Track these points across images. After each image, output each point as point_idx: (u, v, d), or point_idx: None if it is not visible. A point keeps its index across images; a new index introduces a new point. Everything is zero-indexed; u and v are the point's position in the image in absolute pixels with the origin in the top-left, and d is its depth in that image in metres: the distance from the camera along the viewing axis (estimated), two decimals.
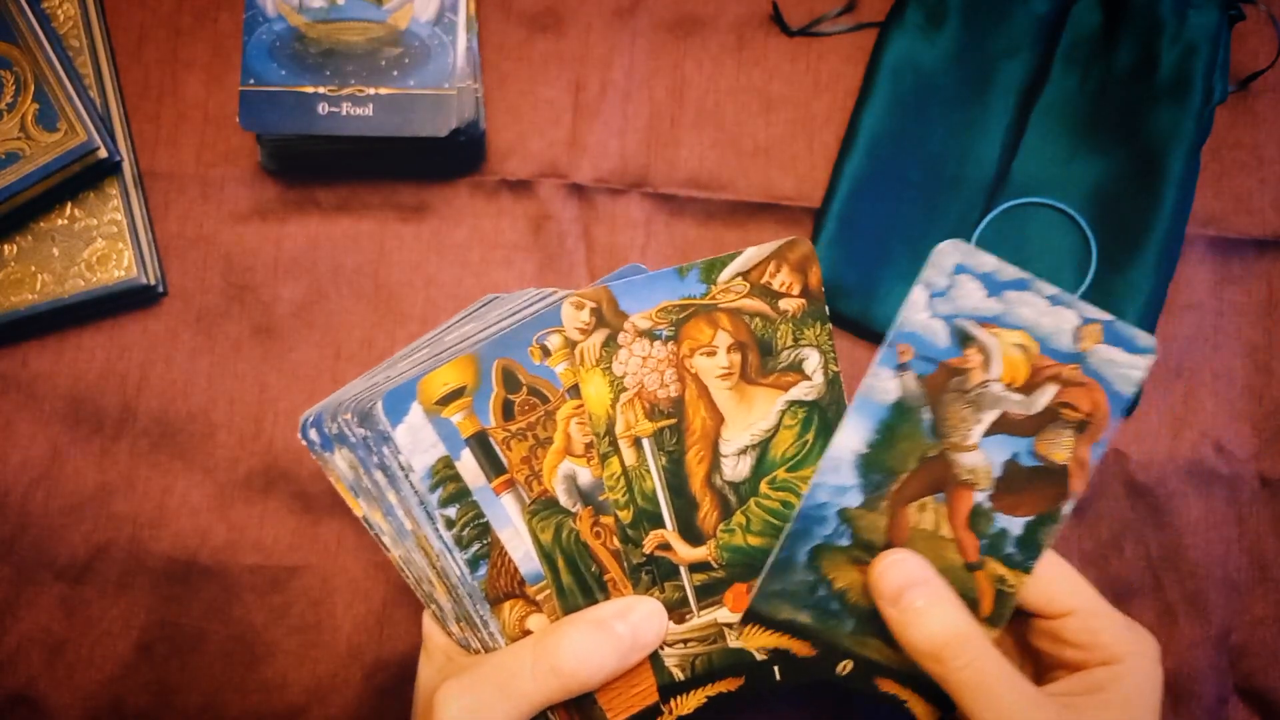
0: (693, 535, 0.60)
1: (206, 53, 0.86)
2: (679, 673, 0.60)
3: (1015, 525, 0.59)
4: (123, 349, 0.83)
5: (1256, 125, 0.84)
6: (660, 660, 0.60)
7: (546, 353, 0.58)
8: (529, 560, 0.58)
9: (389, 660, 0.81)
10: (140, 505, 0.81)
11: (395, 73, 0.79)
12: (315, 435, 0.60)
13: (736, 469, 0.60)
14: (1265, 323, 0.83)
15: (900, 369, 0.60)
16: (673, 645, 0.60)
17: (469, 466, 0.57)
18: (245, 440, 0.82)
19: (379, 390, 0.57)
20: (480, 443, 0.57)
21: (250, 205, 0.84)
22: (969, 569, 0.60)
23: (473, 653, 0.62)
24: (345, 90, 0.78)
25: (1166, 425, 0.82)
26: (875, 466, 0.60)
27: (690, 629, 0.60)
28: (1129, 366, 0.59)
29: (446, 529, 0.57)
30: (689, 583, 0.60)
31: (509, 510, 0.58)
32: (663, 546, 0.60)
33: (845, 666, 0.61)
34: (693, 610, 0.60)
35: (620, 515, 0.59)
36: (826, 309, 0.61)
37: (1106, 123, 0.81)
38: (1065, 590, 0.60)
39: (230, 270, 0.83)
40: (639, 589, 0.60)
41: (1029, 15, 0.81)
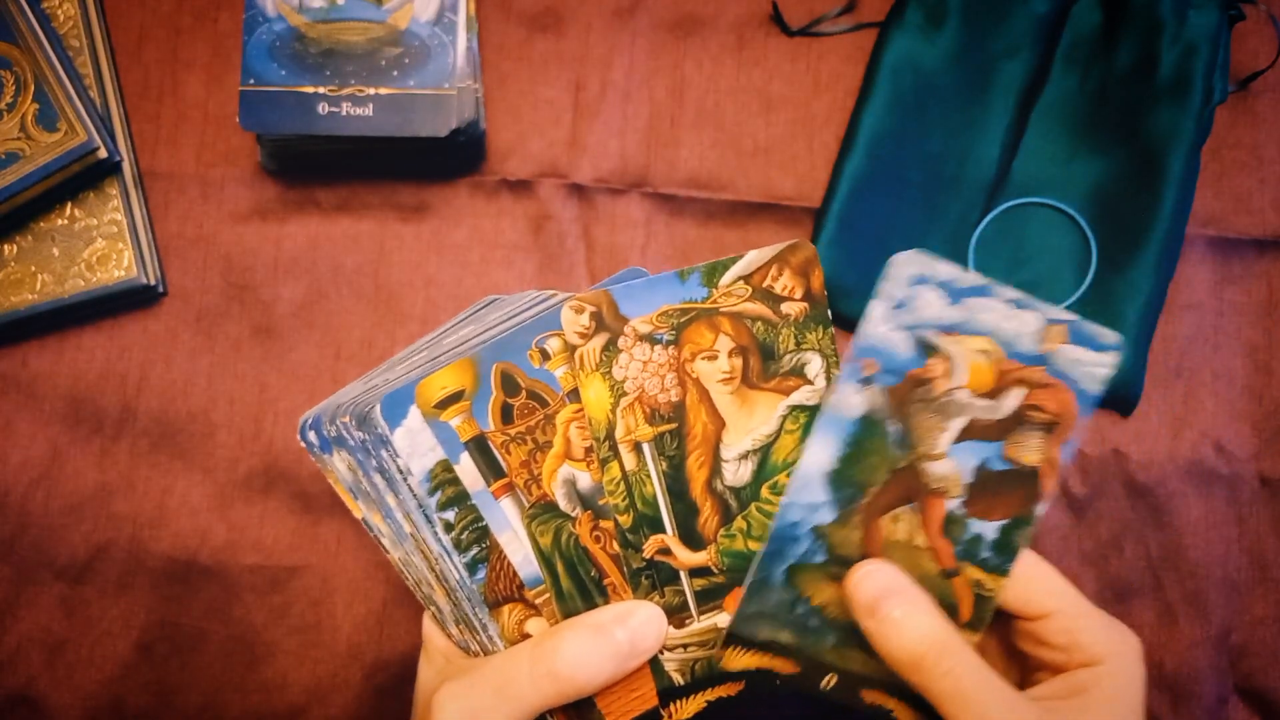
0: (693, 540, 0.60)
1: (206, 53, 0.86)
2: (679, 677, 0.60)
3: (990, 530, 0.59)
4: (123, 349, 0.83)
5: (1256, 125, 0.84)
6: (660, 665, 0.60)
7: (546, 356, 0.58)
8: (528, 564, 0.58)
9: (389, 660, 0.81)
10: (140, 505, 0.82)
11: (395, 73, 0.79)
12: (314, 437, 0.60)
13: (738, 474, 0.60)
14: (1265, 323, 0.83)
15: (864, 383, 0.60)
16: (672, 650, 0.60)
17: (468, 470, 0.57)
18: (245, 440, 0.82)
19: (377, 393, 0.57)
20: (479, 446, 0.57)
21: (250, 205, 0.84)
22: (945, 576, 0.60)
23: (472, 655, 0.61)
24: (345, 90, 0.78)
25: (1166, 425, 0.82)
26: (845, 481, 0.60)
27: (690, 634, 0.60)
28: (1095, 364, 0.59)
29: (445, 532, 0.57)
30: (689, 588, 0.60)
31: (508, 514, 0.58)
32: (663, 551, 0.59)
33: (830, 681, 0.60)
34: (693, 615, 0.60)
35: (620, 520, 0.59)
36: (829, 313, 0.60)
37: (1106, 123, 0.81)
38: (1043, 591, 0.59)
39: (230, 270, 0.84)
40: (639, 594, 0.60)
41: (1029, 15, 0.81)
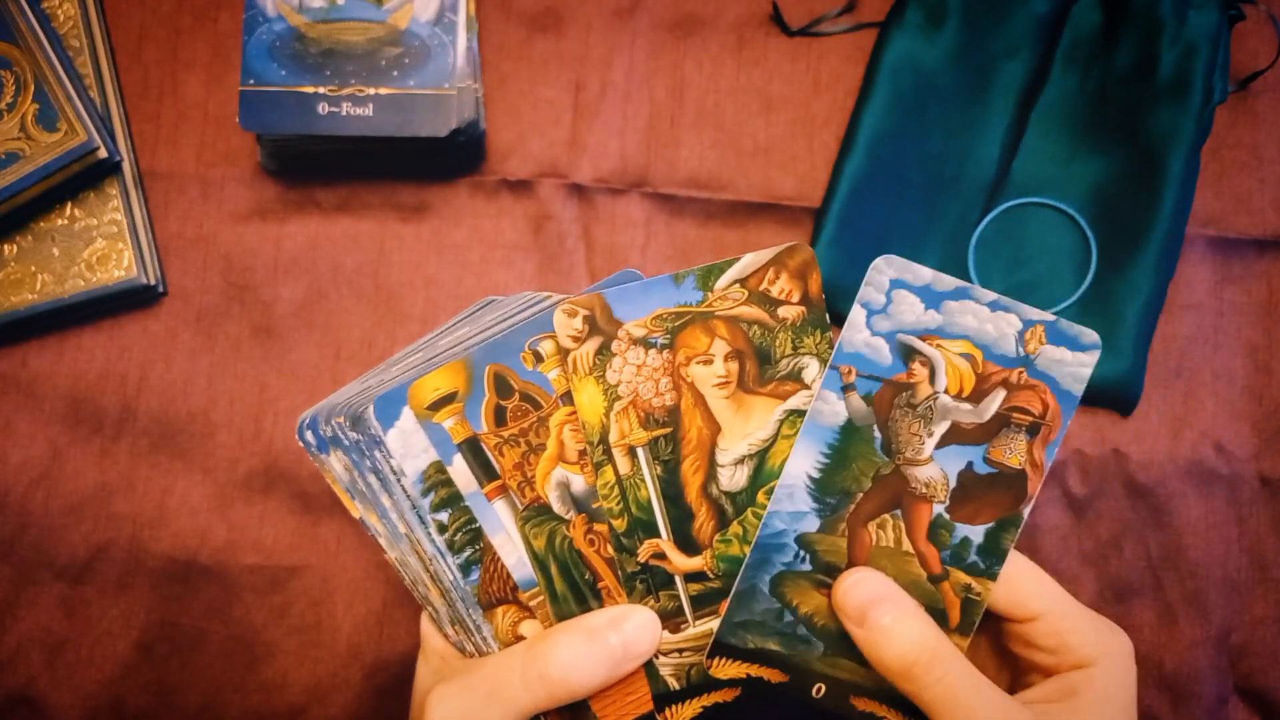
0: (688, 545, 0.60)
1: (206, 53, 0.86)
2: (674, 682, 0.60)
3: (976, 533, 0.59)
4: (123, 349, 0.83)
5: (1256, 125, 0.84)
6: (655, 669, 0.60)
7: (539, 358, 0.58)
8: (522, 566, 0.58)
9: (389, 660, 0.81)
10: (140, 505, 0.82)
11: (395, 73, 0.79)
12: (311, 437, 0.60)
13: (733, 479, 0.60)
14: (1265, 323, 0.83)
15: (845, 390, 0.60)
16: (668, 654, 0.60)
17: (461, 472, 0.57)
18: (245, 440, 0.82)
19: (371, 394, 0.57)
20: (472, 448, 0.57)
21: (250, 205, 0.84)
22: (933, 581, 0.60)
23: (468, 656, 0.62)
24: (345, 90, 0.78)
25: (1166, 425, 0.82)
26: (829, 489, 0.60)
27: (686, 638, 0.60)
28: (1076, 365, 0.59)
29: (439, 534, 0.57)
30: (684, 592, 0.60)
31: (501, 516, 0.58)
32: (658, 556, 0.59)
33: (819, 690, 0.60)
34: (688, 620, 0.60)
35: (614, 524, 0.59)
36: (827, 317, 0.60)
37: (1106, 123, 0.81)
38: (1032, 593, 0.59)
39: (230, 270, 0.84)
40: (633, 598, 0.60)
41: (1029, 15, 0.81)
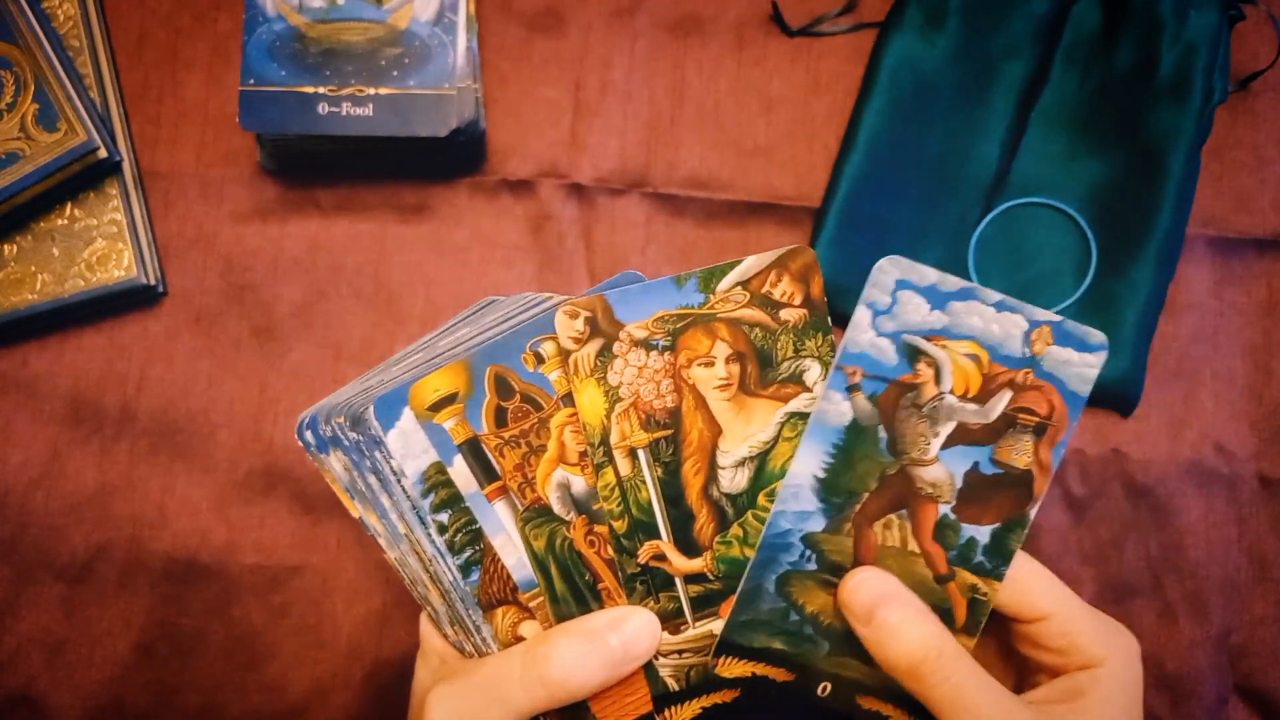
0: (689, 547, 0.60)
1: (206, 53, 0.86)
2: (674, 683, 0.60)
3: (982, 534, 0.59)
4: (123, 349, 0.83)
5: (1256, 125, 0.84)
6: (655, 670, 0.60)
7: (540, 360, 0.58)
8: (522, 567, 0.58)
9: (389, 660, 0.81)
10: (140, 505, 0.82)
11: (395, 73, 0.79)
12: (311, 437, 0.60)
13: (734, 481, 0.60)
14: (1265, 323, 0.83)
15: (851, 390, 0.60)
16: (668, 655, 0.60)
17: (461, 473, 0.57)
18: (245, 440, 0.83)
19: (371, 394, 0.57)
20: (472, 449, 0.57)
21: (250, 205, 0.84)
22: (939, 581, 0.60)
23: (467, 656, 0.61)
24: (345, 90, 0.78)
25: (1166, 425, 0.82)
26: (835, 489, 0.59)
27: (685, 640, 0.60)
28: (1083, 365, 0.59)
29: (439, 534, 0.57)
30: (684, 594, 0.60)
31: (501, 517, 0.58)
32: (658, 557, 0.59)
33: (825, 688, 0.60)
34: (688, 621, 0.60)
35: (615, 525, 0.59)
36: (829, 320, 0.60)
37: (1106, 123, 0.81)
38: (1039, 594, 0.59)
39: (230, 270, 0.84)
40: (633, 599, 0.59)
41: (1029, 15, 0.81)
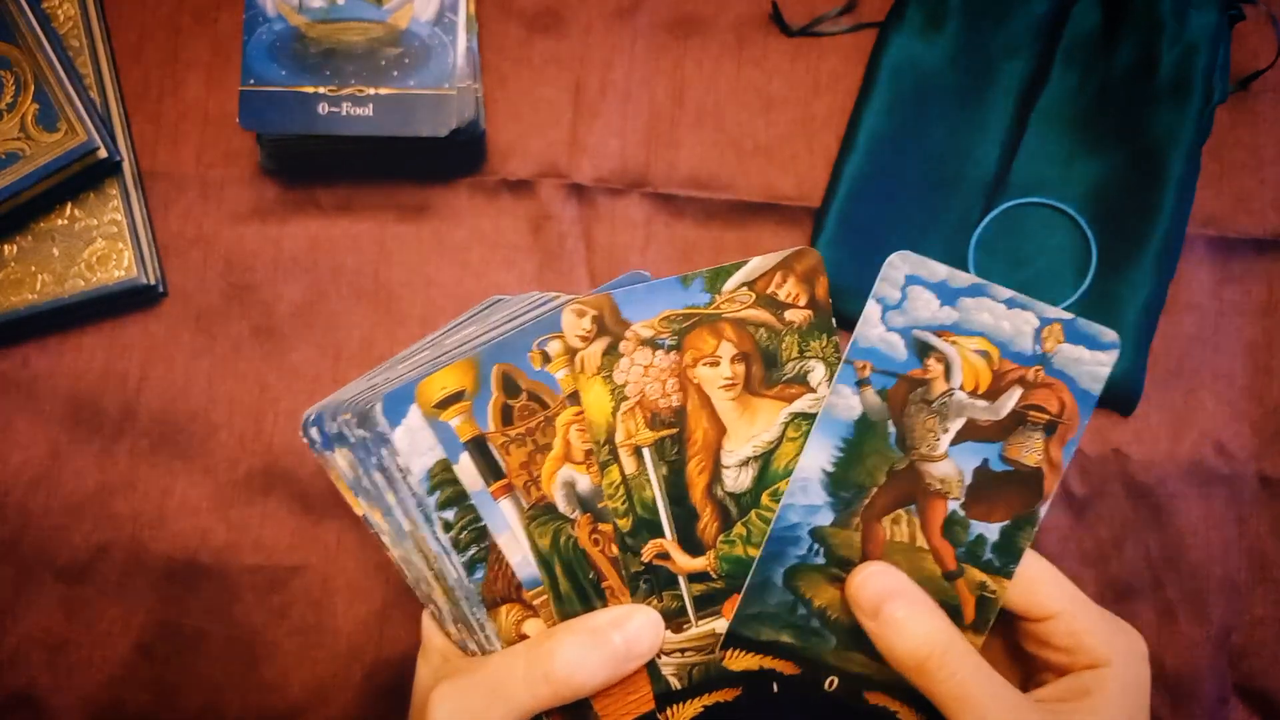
0: (692, 545, 0.60)
1: (206, 53, 0.86)
2: (676, 682, 0.60)
3: (992, 531, 0.59)
4: (123, 349, 0.83)
5: (1256, 125, 0.84)
6: (657, 669, 0.60)
7: (547, 358, 0.58)
8: (526, 565, 0.58)
9: (389, 660, 0.81)
10: (140, 505, 0.82)
11: (395, 73, 0.79)
12: (316, 434, 0.60)
13: (738, 480, 0.60)
14: (1265, 323, 0.83)
15: (860, 385, 0.60)
16: (670, 654, 0.60)
17: (467, 470, 0.57)
18: (245, 440, 0.82)
19: (378, 392, 0.57)
20: (478, 447, 0.57)
21: (250, 205, 0.84)
22: (948, 578, 0.60)
23: (470, 654, 0.61)
24: (345, 90, 0.78)
25: (1166, 425, 0.82)
26: (844, 484, 0.59)
27: (688, 638, 0.60)
28: (1094, 364, 0.59)
29: (444, 531, 0.57)
30: (687, 593, 0.60)
31: (507, 515, 0.58)
32: (661, 556, 0.60)
33: (832, 683, 0.60)
34: (691, 620, 0.60)
35: (619, 524, 0.59)
36: (833, 321, 0.60)
37: (1106, 123, 0.81)
38: (1048, 592, 0.59)
39: (230, 270, 0.84)
40: (637, 597, 0.60)
41: (1029, 15, 0.81)
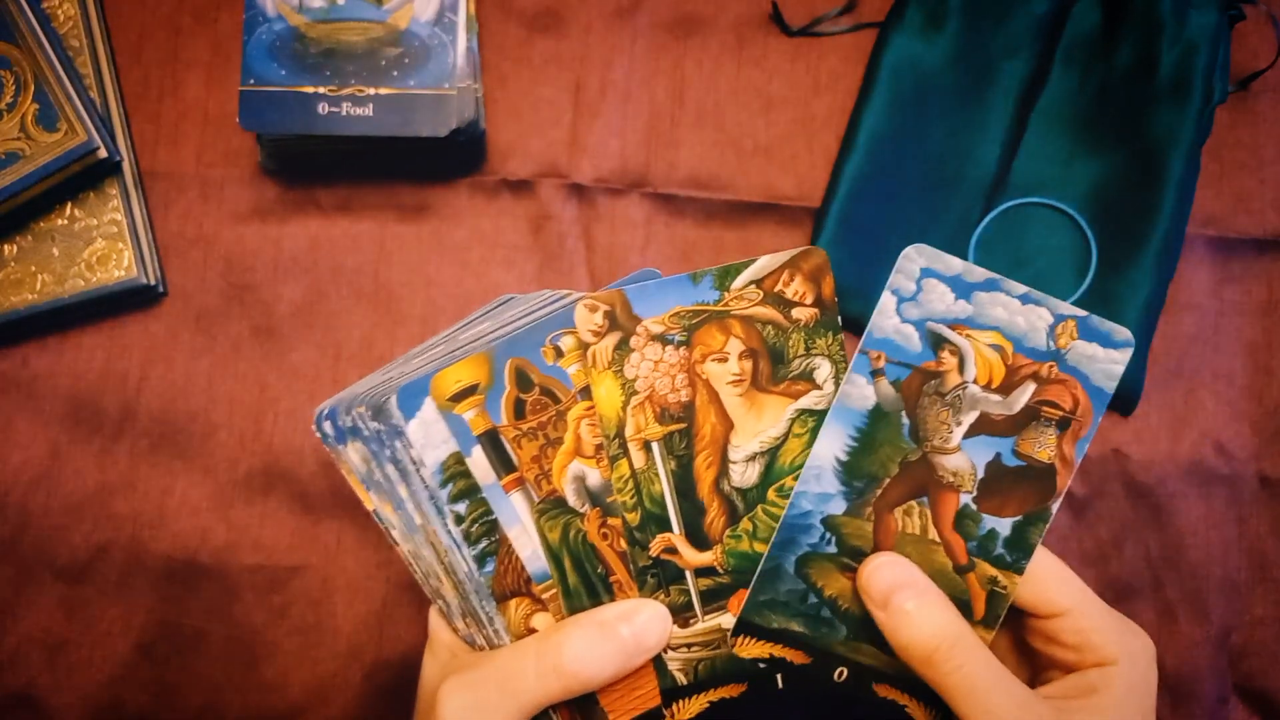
0: (699, 540, 0.60)
1: (206, 53, 0.86)
2: (682, 677, 0.60)
3: (1003, 526, 0.59)
4: (123, 349, 0.83)
5: (1256, 125, 0.84)
6: (664, 664, 0.60)
7: (559, 353, 0.58)
8: (536, 559, 0.58)
9: (389, 660, 0.81)
10: (140, 505, 0.81)
11: (395, 73, 0.79)
12: (329, 428, 0.61)
13: (745, 475, 0.60)
14: (1265, 323, 0.83)
15: (874, 375, 0.60)
16: (676, 649, 0.60)
17: (479, 463, 0.57)
18: (245, 440, 0.82)
19: (393, 385, 0.58)
20: (491, 440, 0.57)
21: (250, 205, 0.84)
22: (959, 572, 0.60)
23: (477, 649, 0.61)
24: (345, 90, 0.78)
25: (1166, 425, 0.82)
26: (856, 473, 0.60)
27: (694, 633, 0.60)
28: (1108, 361, 0.59)
29: (455, 525, 0.57)
30: (694, 587, 0.60)
31: (518, 508, 0.58)
32: (669, 550, 0.60)
33: (841, 674, 0.60)
34: (697, 615, 0.60)
35: (628, 518, 0.59)
36: (839, 319, 0.61)
37: (1106, 123, 0.81)
38: (1058, 590, 0.59)
39: (230, 270, 0.83)
40: (644, 592, 0.60)
41: (1029, 15, 0.82)
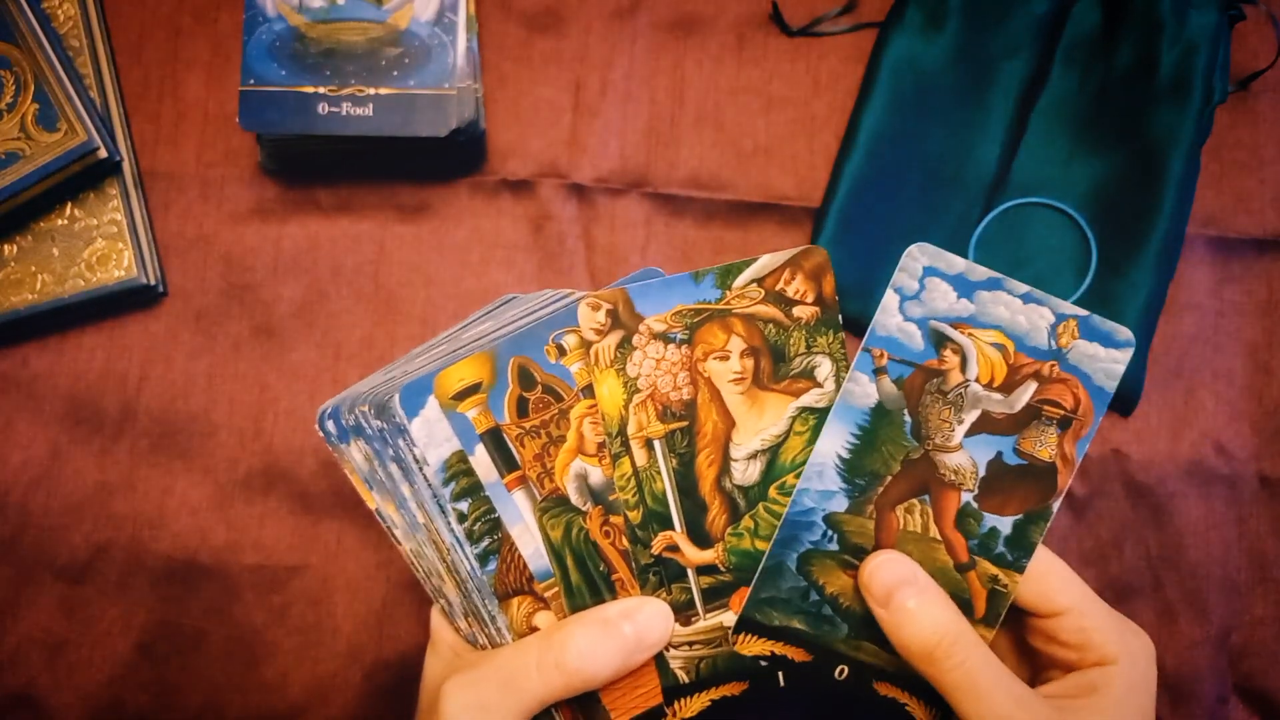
0: (701, 538, 0.60)
1: (206, 53, 0.86)
2: (684, 675, 0.61)
3: (1004, 524, 0.59)
4: (123, 349, 0.83)
5: (1256, 125, 0.84)
6: (665, 662, 0.60)
7: (562, 352, 0.59)
8: (538, 557, 0.59)
9: (389, 660, 0.81)
10: (140, 505, 0.81)
11: (395, 73, 0.79)
12: (332, 427, 0.61)
13: (746, 473, 0.60)
14: (1265, 323, 0.83)
15: (877, 373, 0.60)
16: (678, 647, 0.60)
17: (482, 462, 0.57)
18: (245, 440, 0.82)
19: (396, 384, 0.58)
20: (494, 438, 0.58)
21: (250, 205, 0.84)
22: (960, 570, 0.60)
23: (479, 648, 0.62)
24: (345, 90, 0.78)
25: (1166, 425, 0.82)
26: (858, 471, 0.60)
27: (696, 631, 0.60)
28: (1109, 361, 0.59)
29: (458, 523, 0.57)
30: (696, 585, 0.60)
31: (520, 507, 0.58)
32: (671, 548, 0.60)
33: (842, 672, 0.61)
34: (699, 613, 0.60)
35: (630, 516, 0.59)
36: (840, 318, 0.61)
37: (1106, 123, 0.81)
38: (1058, 589, 0.59)
39: (230, 270, 0.83)
40: (646, 590, 0.60)
41: (1029, 15, 0.82)
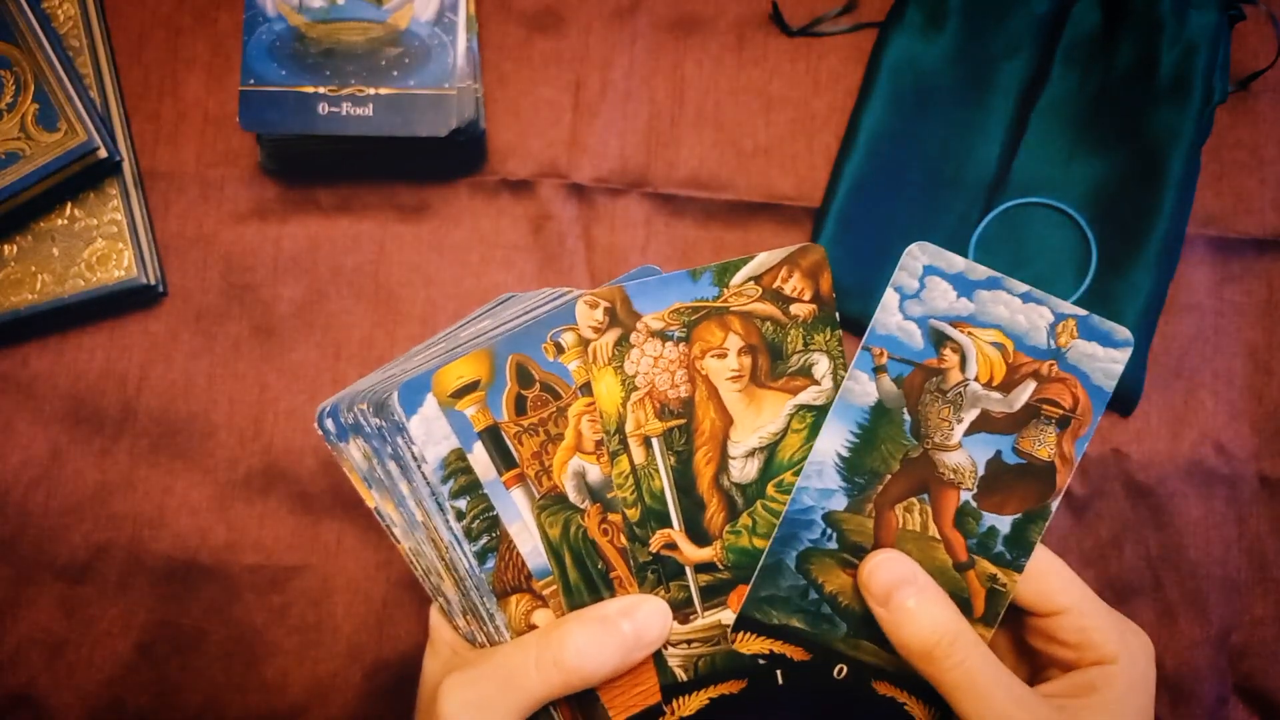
0: (699, 536, 0.60)
1: (206, 53, 0.86)
2: (682, 673, 0.61)
3: (1003, 523, 0.59)
4: (123, 349, 0.83)
5: (1256, 125, 0.84)
6: (664, 660, 0.60)
7: (560, 350, 0.59)
8: (537, 555, 0.59)
9: (389, 660, 0.81)
10: (140, 505, 0.81)
11: (395, 73, 0.79)
12: (331, 425, 0.61)
13: (744, 471, 0.60)
14: (1265, 323, 0.83)
15: (876, 372, 0.60)
16: (676, 645, 0.60)
17: (480, 460, 0.58)
18: (245, 440, 0.82)
19: (395, 382, 0.58)
20: (492, 436, 0.58)
21: (250, 205, 0.84)
22: (959, 569, 0.60)
23: (478, 646, 0.62)
24: (345, 90, 0.78)
25: (1166, 425, 0.82)
26: (858, 469, 0.60)
27: (694, 629, 0.60)
28: (1108, 360, 0.59)
29: (456, 520, 0.58)
30: (694, 583, 0.60)
31: (518, 504, 0.58)
32: (669, 546, 0.60)
33: (841, 671, 0.61)
34: (697, 611, 0.60)
35: (628, 513, 0.59)
36: (837, 315, 0.61)
37: (1106, 123, 0.81)
38: (1057, 588, 0.60)
39: (230, 270, 0.83)
40: (644, 588, 0.60)
41: (1029, 15, 0.82)
